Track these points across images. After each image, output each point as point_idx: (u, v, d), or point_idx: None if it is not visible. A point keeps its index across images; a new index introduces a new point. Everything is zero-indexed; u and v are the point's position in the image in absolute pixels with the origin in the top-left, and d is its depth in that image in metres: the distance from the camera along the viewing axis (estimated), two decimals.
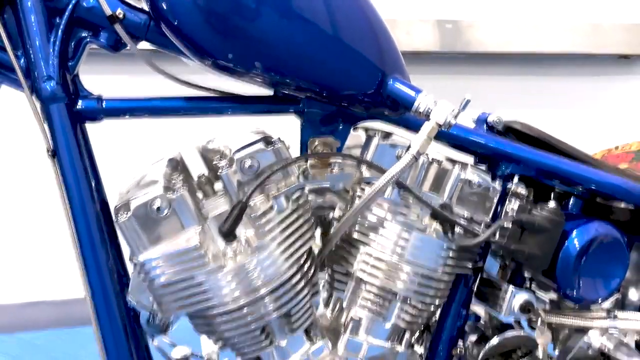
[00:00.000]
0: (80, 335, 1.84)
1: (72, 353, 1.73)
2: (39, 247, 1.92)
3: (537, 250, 0.76)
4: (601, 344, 0.82)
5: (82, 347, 1.76)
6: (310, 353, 0.75)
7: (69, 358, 1.69)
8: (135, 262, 0.69)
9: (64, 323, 1.92)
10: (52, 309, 1.95)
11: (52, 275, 1.94)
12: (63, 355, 1.72)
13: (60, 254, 1.94)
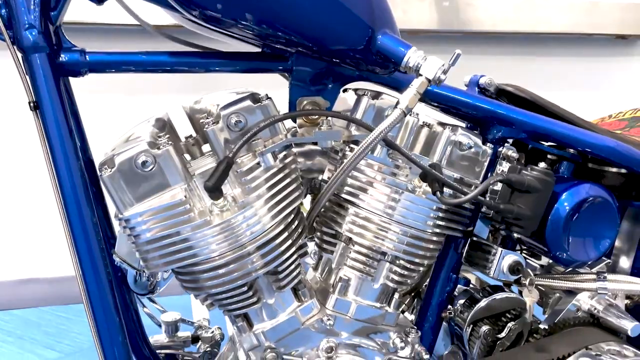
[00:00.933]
0: (73, 312, 1.85)
1: (65, 328, 1.73)
2: (32, 225, 1.91)
3: (526, 210, 0.75)
4: (590, 305, 0.82)
5: (75, 322, 1.76)
6: (298, 311, 0.75)
7: (62, 333, 1.69)
8: (121, 217, 0.68)
9: (57, 300, 1.92)
10: (45, 286, 1.95)
11: (44, 253, 1.93)
12: (56, 330, 1.72)
13: (52, 232, 1.93)
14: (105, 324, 0.68)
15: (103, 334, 0.68)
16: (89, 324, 0.71)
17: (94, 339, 0.69)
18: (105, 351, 0.68)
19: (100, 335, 0.68)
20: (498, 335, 0.83)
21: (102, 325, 0.68)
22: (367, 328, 0.78)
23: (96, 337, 0.68)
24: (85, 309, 0.71)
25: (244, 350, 0.76)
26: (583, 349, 0.76)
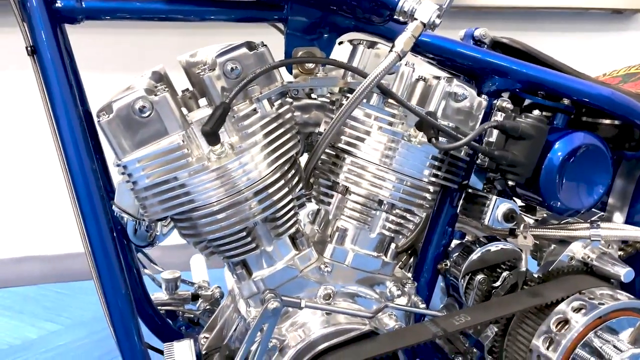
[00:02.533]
0: (72, 289, 1.86)
1: (64, 303, 1.74)
2: (30, 204, 1.92)
3: (520, 157, 0.76)
4: (584, 254, 0.83)
5: (73, 298, 1.77)
6: (296, 259, 0.76)
7: (61, 307, 1.70)
8: (119, 163, 0.69)
9: (55, 278, 1.93)
10: (44, 264, 1.96)
11: (42, 231, 1.94)
12: (55, 305, 1.73)
13: (50, 210, 1.94)
14: (108, 275, 0.68)
15: (107, 286, 0.68)
16: (93, 277, 0.71)
17: (98, 292, 0.70)
18: (110, 305, 0.68)
19: (104, 288, 0.68)
20: (493, 285, 0.84)
21: (105, 277, 0.68)
22: (364, 277, 0.79)
23: (100, 290, 0.69)
24: (88, 261, 0.71)
25: (244, 298, 0.77)
26: (576, 293, 0.77)
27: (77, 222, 0.72)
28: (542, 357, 0.75)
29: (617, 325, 0.76)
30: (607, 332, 0.75)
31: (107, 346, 1.42)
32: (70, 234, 1.91)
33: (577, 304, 0.76)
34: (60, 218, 1.92)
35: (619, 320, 0.75)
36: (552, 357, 0.73)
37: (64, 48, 0.69)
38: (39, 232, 1.93)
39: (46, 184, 1.90)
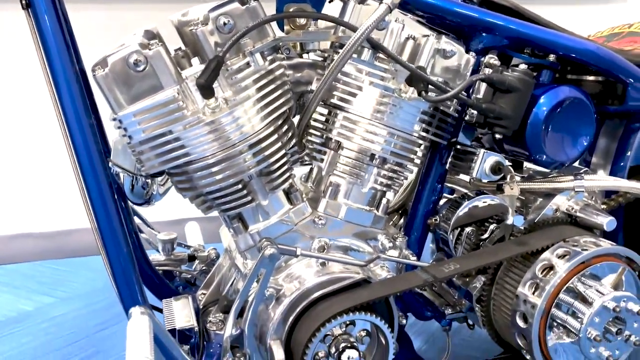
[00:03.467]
0: (67, 265, 1.87)
1: (59, 278, 1.75)
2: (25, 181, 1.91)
3: (507, 109, 0.78)
4: (568, 206, 0.86)
5: (69, 274, 1.78)
6: (291, 213, 0.78)
7: (57, 282, 1.71)
8: (115, 117, 0.70)
9: (50, 255, 1.94)
10: (39, 241, 1.96)
11: (37, 208, 1.94)
12: (51, 280, 1.74)
13: (45, 187, 1.94)
14: (109, 230, 0.69)
15: (109, 244, 0.69)
16: (94, 235, 0.72)
17: (101, 251, 0.71)
18: (112, 262, 0.69)
19: (106, 246, 0.69)
20: (481, 237, 0.87)
21: (106, 232, 0.69)
22: (357, 230, 0.82)
23: (102, 249, 0.70)
24: (89, 219, 0.72)
25: (240, 251, 0.79)
26: (561, 241, 0.80)
27: (77, 180, 0.73)
28: (527, 302, 0.78)
29: (600, 271, 0.79)
30: (590, 279, 0.78)
31: (104, 316, 1.44)
32: (65, 210, 1.92)
33: (561, 251, 0.79)
34: (55, 195, 1.92)
35: (602, 266, 0.78)
36: (537, 302, 0.76)
37: (58, 4, 0.70)
38: (33, 209, 1.93)
39: (40, 161, 1.89)
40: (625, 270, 0.79)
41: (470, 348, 1.18)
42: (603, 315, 0.76)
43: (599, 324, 0.76)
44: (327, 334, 0.72)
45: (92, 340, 1.31)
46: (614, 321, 0.77)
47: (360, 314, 0.72)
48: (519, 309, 0.79)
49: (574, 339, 0.76)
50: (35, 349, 1.27)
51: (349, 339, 0.73)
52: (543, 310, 0.76)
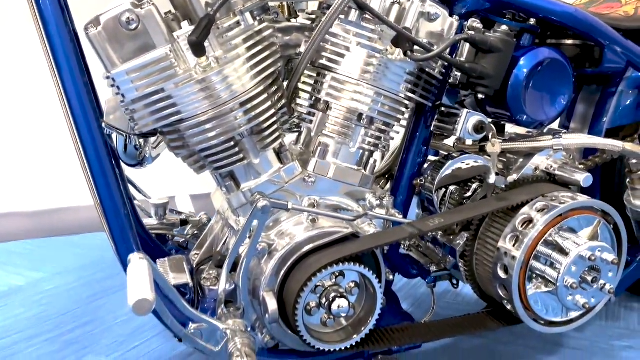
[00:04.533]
0: (56, 243, 1.87)
1: (49, 255, 1.76)
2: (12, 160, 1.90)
3: (489, 69, 0.81)
4: (547, 164, 0.90)
5: (59, 251, 1.79)
6: (281, 171, 0.80)
7: (46, 258, 1.72)
8: (108, 76, 0.71)
9: (37, 233, 1.94)
10: (25, 220, 1.96)
11: (23, 187, 1.93)
12: (40, 256, 1.75)
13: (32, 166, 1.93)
14: (104, 183, 0.71)
15: (103, 195, 0.71)
16: (89, 188, 0.73)
17: (95, 203, 0.72)
18: (107, 213, 0.71)
19: (101, 196, 0.71)
20: (465, 196, 0.91)
21: (101, 186, 0.71)
22: (345, 189, 0.84)
23: (97, 199, 0.71)
24: (84, 174, 0.74)
25: (233, 209, 0.81)
26: (540, 196, 0.84)
27: (73, 139, 0.74)
28: (508, 254, 0.82)
29: (577, 224, 0.83)
30: (568, 232, 0.82)
31: (95, 288, 1.46)
32: (53, 189, 1.91)
33: (540, 205, 0.83)
34: (43, 173, 1.92)
35: (578, 219, 0.82)
36: (516, 253, 0.80)
37: None
38: (21, 188, 1.93)
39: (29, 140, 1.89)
40: (600, 223, 0.84)
41: (454, 310, 1.22)
42: (579, 264, 0.80)
43: (575, 273, 0.80)
44: (318, 285, 0.76)
45: (86, 310, 1.33)
46: (590, 270, 0.81)
47: (349, 265, 0.76)
48: (500, 261, 0.83)
49: (552, 288, 0.81)
50: (29, 320, 1.28)
51: (338, 290, 0.76)
52: (522, 261, 0.80)
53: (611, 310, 1.20)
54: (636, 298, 1.24)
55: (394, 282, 0.94)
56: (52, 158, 1.92)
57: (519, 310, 0.83)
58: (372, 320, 0.79)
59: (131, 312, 1.32)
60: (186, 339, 0.72)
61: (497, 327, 0.91)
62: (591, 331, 1.11)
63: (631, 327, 1.13)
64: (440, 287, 1.29)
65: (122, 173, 0.89)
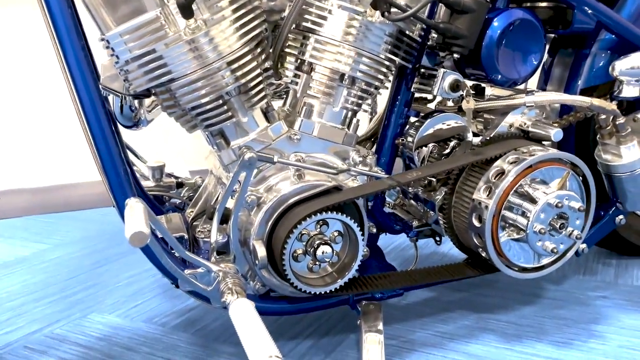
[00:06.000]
0: (58, 218, 1.93)
1: (52, 229, 1.82)
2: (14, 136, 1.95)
3: (463, 29, 0.86)
4: (521, 122, 0.95)
5: (62, 225, 1.85)
6: (269, 130, 0.86)
7: (49, 232, 1.78)
8: (103, 38, 0.76)
9: (40, 210, 2.00)
10: (28, 196, 2.01)
11: (26, 163, 1.99)
12: (43, 230, 1.81)
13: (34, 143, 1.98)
14: (100, 132, 0.76)
15: (99, 143, 0.76)
16: (86, 139, 0.78)
17: (92, 152, 0.77)
18: (103, 160, 0.76)
19: (97, 144, 0.76)
20: (443, 153, 0.96)
21: (97, 135, 0.76)
22: (330, 146, 0.89)
23: (93, 147, 0.76)
24: (81, 127, 0.78)
25: (224, 165, 0.86)
26: (512, 150, 0.89)
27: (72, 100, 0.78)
28: (482, 204, 0.87)
29: (546, 175, 0.88)
30: (538, 182, 0.88)
31: (99, 257, 1.52)
32: (54, 166, 1.96)
33: (512, 158, 0.88)
34: (44, 150, 1.97)
35: (548, 170, 0.88)
36: (489, 203, 0.86)
37: None
38: (22, 165, 1.98)
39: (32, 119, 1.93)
40: (569, 174, 0.89)
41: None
42: (547, 211, 0.85)
43: (544, 220, 0.86)
44: (304, 233, 0.81)
45: (89, 275, 1.39)
46: (558, 218, 0.87)
47: (331, 214, 0.81)
48: (475, 211, 0.88)
49: (523, 235, 0.86)
50: (35, 284, 1.35)
51: (323, 238, 0.82)
52: (495, 209, 0.86)
53: (589, 265, 1.26)
54: (614, 255, 1.30)
55: (385, 248, 0.99)
56: (53, 137, 1.97)
57: (492, 256, 0.89)
58: (354, 265, 0.85)
59: (132, 276, 1.39)
60: (182, 281, 0.78)
61: (474, 275, 0.97)
62: (568, 284, 1.18)
63: (607, 280, 1.19)
64: (426, 249, 1.36)
65: (119, 133, 0.94)
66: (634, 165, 0.95)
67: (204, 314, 1.12)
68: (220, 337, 1.02)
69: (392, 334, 1.00)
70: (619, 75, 0.92)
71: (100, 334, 1.08)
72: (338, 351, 0.96)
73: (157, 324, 1.10)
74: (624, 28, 0.96)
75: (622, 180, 0.97)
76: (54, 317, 1.16)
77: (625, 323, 1.00)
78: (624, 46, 0.99)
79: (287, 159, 0.86)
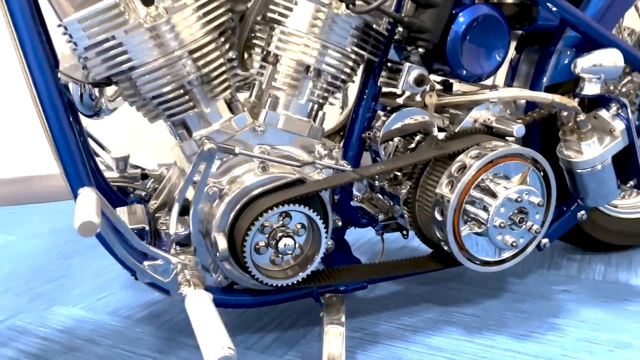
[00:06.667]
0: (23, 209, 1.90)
1: (20, 221, 1.79)
2: None
3: (428, 23, 0.86)
4: (485, 117, 0.96)
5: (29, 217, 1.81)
6: (232, 121, 0.85)
7: (17, 224, 1.75)
8: (60, 24, 0.74)
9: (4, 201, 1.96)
10: None
11: None
12: (11, 222, 1.78)
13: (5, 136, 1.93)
14: (55, 120, 0.74)
15: (55, 131, 0.74)
16: (42, 128, 0.76)
17: (48, 140, 0.76)
18: (59, 147, 0.75)
19: (53, 132, 0.74)
20: (409, 147, 0.96)
21: (53, 123, 0.74)
22: (295, 139, 0.89)
23: (49, 135, 0.75)
24: (38, 117, 0.77)
25: (186, 157, 0.85)
26: (475, 145, 0.90)
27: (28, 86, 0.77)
28: (444, 198, 0.88)
29: (508, 170, 0.89)
30: (499, 177, 0.89)
31: (67, 249, 1.50)
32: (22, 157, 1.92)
33: (474, 153, 0.89)
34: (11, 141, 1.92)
35: (509, 165, 0.89)
36: (450, 196, 0.87)
37: None
38: None
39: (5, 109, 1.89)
40: (530, 170, 0.90)
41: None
42: (507, 206, 0.87)
43: (504, 214, 0.87)
44: (266, 225, 0.81)
45: (57, 267, 1.37)
46: (518, 212, 0.88)
47: (293, 206, 0.81)
48: (438, 205, 0.89)
49: (483, 228, 0.87)
50: (2, 277, 1.32)
51: (285, 230, 0.82)
52: (456, 203, 0.87)
53: (554, 260, 1.29)
54: (579, 250, 1.32)
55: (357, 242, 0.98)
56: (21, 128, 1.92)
57: (454, 250, 0.90)
58: (317, 258, 0.85)
59: (100, 268, 1.37)
60: (140, 272, 0.77)
61: (438, 268, 0.98)
62: (532, 278, 1.20)
63: (570, 274, 1.21)
64: (396, 243, 1.37)
65: (81, 125, 0.93)
66: (594, 162, 0.96)
67: (169, 307, 1.11)
68: (185, 329, 1.02)
69: (357, 326, 1.01)
70: (581, 73, 0.93)
71: (62, 326, 1.06)
72: (302, 343, 0.96)
73: (121, 316, 1.09)
74: (588, 25, 0.98)
75: (583, 176, 0.98)
76: (17, 309, 1.14)
77: (585, 317, 1.02)
78: (588, 44, 1.00)
79: (251, 150, 0.86)
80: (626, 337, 0.95)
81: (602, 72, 0.94)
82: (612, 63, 0.93)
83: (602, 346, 0.93)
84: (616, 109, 0.98)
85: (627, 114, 0.97)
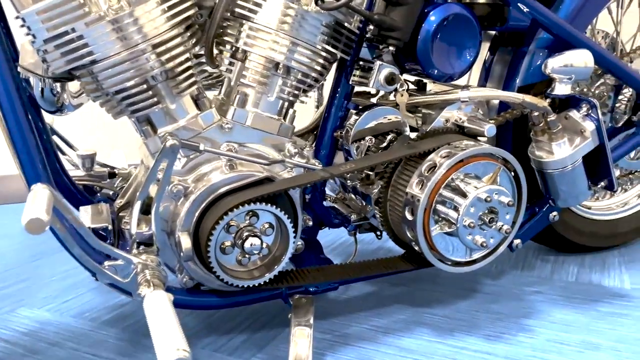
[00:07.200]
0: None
1: None
2: None
3: (398, 21, 0.85)
4: (457, 117, 0.96)
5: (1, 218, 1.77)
6: (199, 117, 0.83)
7: None
8: (18, 16, 0.72)
9: None
10: None
11: None
12: None
13: None
14: (12, 114, 0.72)
15: (10, 124, 0.72)
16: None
17: (3, 133, 0.73)
18: (14, 141, 0.72)
19: (8, 125, 0.72)
20: (381, 146, 0.96)
21: (9, 116, 0.72)
22: (264, 137, 0.88)
23: (4, 128, 0.72)
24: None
25: (151, 153, 0.83)
26: (446, 144, 0.90)
27: None
28: (414, 197, 0.87)
29: (478, 170, 0.89)
30: (470, 177, 0.88)
31: (36, 250, 1.46)
32: None
33: (444, 152, 0.88)
34: None
35: (479, 165, 0.88)
36: (421, 196, 0.86)
37: None
38: None
39: None
40: (500, 169, 0.90)
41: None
42: (477, 205, 0.86)
43: (474, 214, 0.86)
44: (232, 224, 0.79)
45: (25, 269, 1.34)
46: (488, 212, 0.87)
47: (260, 205, 0.79)
48: (408, 205, 0.88)
49: (454, 228, 0.87)
50: None
51: (252, 230, 0.80)
52: (426, 202, 0.86)
53: (528, 261, 1.29)
54: (553, 251, 1.33)
55: (332, 243, 0.97)
56: None
57: (425, 250, 0.89)
58: (285, 259, 0.84)
59: (69, 270, 1.33)
60: (99, 273, 0.74)
61: (409, 269, 0.97)
62: (506, 279, 1.19)
63: (543, 275, 1.21)
64: (373, 244, 1.36)
65: (43, 121, 0.90)
66: (564, 162, 0.96)
67: (136, 309, 1.08)
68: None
69: (328, 328, 0.99)
70: (552, 73, 0.93)
71: (26, 328, 1.03)
72: (271, 345, 0.94)
73: (87, 319, 1.06)
74: (559, 26, 0.98)
75: (554, 176, 0.98)
76: None
77: (556, 317, 1.02)
78: (560, 45, 1.00)
79: (218, 148, 0.84)
80: (596, 338, 0.95)
81: (572, 72, 0.94)
82: (583, 63, 0.94)
83: (571, 347, 0.92)
84: (587, 110, 0.98)
85: (597, 115, 0.97)
